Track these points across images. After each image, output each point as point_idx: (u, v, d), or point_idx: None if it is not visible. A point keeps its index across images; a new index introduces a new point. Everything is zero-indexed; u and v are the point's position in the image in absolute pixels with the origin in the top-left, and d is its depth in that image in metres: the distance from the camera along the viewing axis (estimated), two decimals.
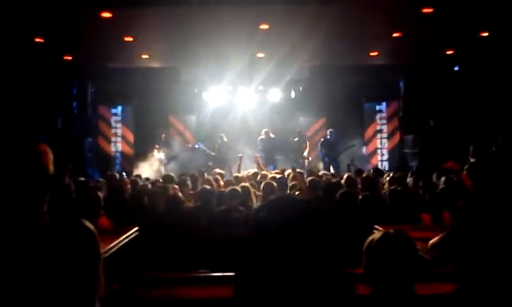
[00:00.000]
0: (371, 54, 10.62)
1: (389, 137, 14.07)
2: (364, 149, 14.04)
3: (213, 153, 13.00)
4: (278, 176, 7.09)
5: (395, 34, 8.93)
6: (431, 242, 3.54)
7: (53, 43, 9.11)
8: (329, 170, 11.60)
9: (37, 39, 8.73)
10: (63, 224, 1.83)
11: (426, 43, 9.50)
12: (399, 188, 6.11)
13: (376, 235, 2.01)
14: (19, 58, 9.74)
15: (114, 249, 3.72)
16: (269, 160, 12.26)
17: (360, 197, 5.46)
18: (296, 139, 13.37)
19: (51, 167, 3.95)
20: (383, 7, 7.34)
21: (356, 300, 1.60)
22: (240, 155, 9.74)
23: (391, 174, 7.81)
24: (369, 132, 14.24)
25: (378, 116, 14.24)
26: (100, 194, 5.32)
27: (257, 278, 1.37)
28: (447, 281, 2.88)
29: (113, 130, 13.95)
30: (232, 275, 1.57)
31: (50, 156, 4.05)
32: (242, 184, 5.91)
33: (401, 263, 1.95)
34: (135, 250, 4.13)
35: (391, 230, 2.01)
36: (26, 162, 3.02)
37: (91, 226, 1.87)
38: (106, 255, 3.57)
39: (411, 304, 1.95)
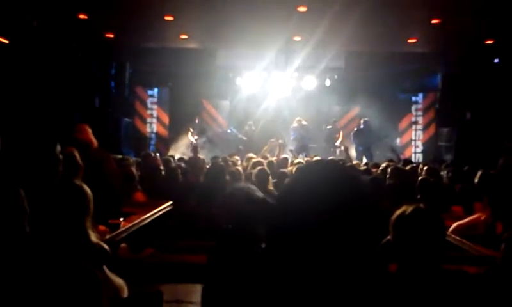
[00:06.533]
0: (409, 41, 10.47)
1: (424, 129, 13.88)
2: (398, 141, 13.90)
3: (245, 138, 13.12)
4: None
5: (434, 21, 8.79)
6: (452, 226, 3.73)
7: (96, 20, 9.32)
8: (362, 160, 11.55)
9: (81, 16, 8.97)
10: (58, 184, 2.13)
11: (465, 30, 9.30)
12: (431, 179, 6.08)
13: (407, 209, 2.04)
14: (62, 34, 10.04)
15: (149, 219, 3.89)
16: (301, 148, 12.28)
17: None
18: (328, 127, 13.34)
19: (94, 140, 4.13)
20: None
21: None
22: (280, 140, 9.79)
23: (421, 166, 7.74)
24: (404, 123, 14.08)
25: (414, 107, 14.05)
26: (134, 171, 5.53)
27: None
28: (472, 264, 2.91)
29: (149, 111, 14.23)
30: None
31: (89, 130, 4.24)
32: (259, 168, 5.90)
33: (431, 237, 1.99)
34: (169, 220, 4.31)
35: (421, 205, 2.04)
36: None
37: (84, 187, 2.14)
38: (142, 224, 3.75)
39: (439, 280, 1.98)
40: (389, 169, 6.05)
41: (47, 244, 1.85)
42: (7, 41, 8.73)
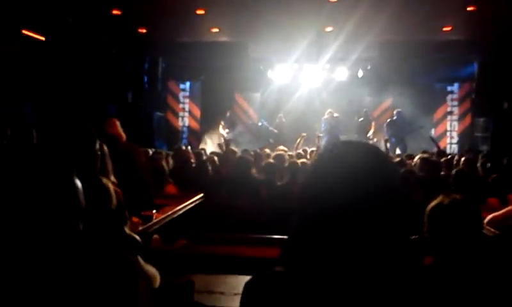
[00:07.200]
0: (444, 29, 10.22)
1: (460, 120, 13.54)
2: (433, 132, 13.60)
3: (275, 131, 13.11)
4: None
5: (469, 8, 8.57)
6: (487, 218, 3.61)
7: (129, 16, 9.48)
8: (395, 151, 11.38)
9: (114, 12, 9.14)
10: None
11: (502, 17, 9.01)
12: (467, 170, 5.95)
13: (443, 200, 2.00)
14: (96, 30, 10.24)
15: (181, 211, 3.94)
16: (332, 140, 12.16)
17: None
18: (360, 119, 13.16)
19: (123, 134, 4.21)
20: None
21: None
22: (303, 134, 9.76)
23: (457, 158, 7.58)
24: (439, 113, 13.76)
25: (449, 97, 13.71)
26: (165, 164, 5.62)
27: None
28: None
29: (181, 105, 14.34)
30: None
31: (118, 124, 4.32)
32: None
33: (468, 229, 1.95)
34: (201, 212, 4.36)
35: (458, 196, 2.00)
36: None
37: (107, 183, 2.18)
38: (174, 215, 3.81)
39: (475, 273, 1.93)
40: (418, 161, 5.95)
41: (87, 235, 1.89)
42: (43, 38, 8.97)
